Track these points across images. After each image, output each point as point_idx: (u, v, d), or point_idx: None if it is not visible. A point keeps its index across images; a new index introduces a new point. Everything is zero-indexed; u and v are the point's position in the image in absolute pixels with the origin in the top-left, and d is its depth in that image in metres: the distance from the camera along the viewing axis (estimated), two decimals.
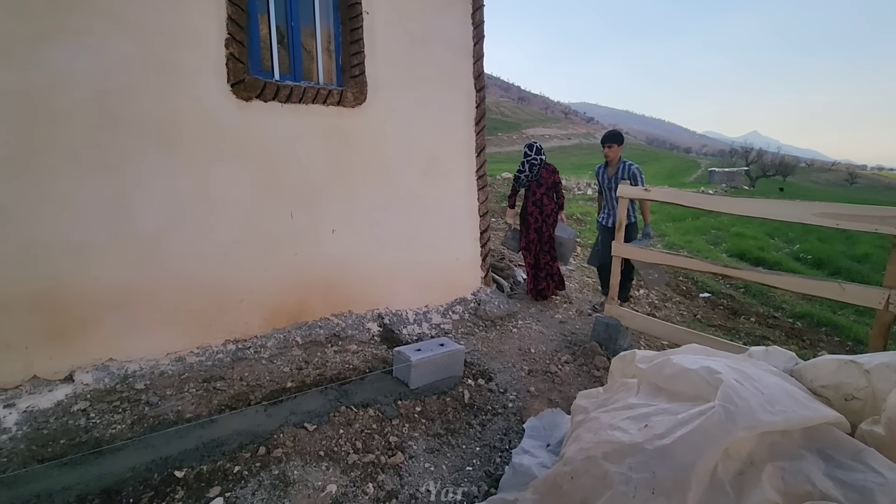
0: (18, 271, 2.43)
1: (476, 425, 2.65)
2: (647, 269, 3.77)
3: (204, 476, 2.04)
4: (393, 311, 3.78)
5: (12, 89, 2.36)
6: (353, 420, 2.48)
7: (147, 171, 2.74)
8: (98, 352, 2.65)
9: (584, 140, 72.69)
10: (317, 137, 3.38)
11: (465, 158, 4.24)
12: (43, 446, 2.12)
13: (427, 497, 2.10)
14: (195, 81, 2.88)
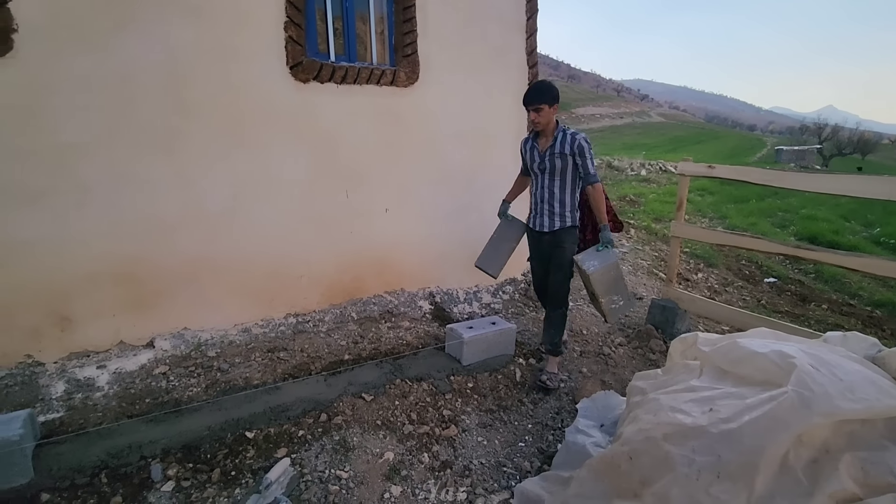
0: (105, 247, 2.65)
1: (528, 403, 2.66)
2: (610, 294, 2.74)
3: (272, 438, 2.18)
4: (444, 290, 3.82)
5: (94, 76, 2.54)
6: (407, 393, 2.55)
7: (214, 153, 2.89)
8: (174, 321, 2.87)
9: (638, 119, 69.47)
10: (370, 117, 3.43)
11: (516, 137, 4.16)
12: (131, 404, 2.33)
13: (481, 469, 2.15)
14: (256, 65, 2.98)
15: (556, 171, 2.72)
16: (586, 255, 2.71)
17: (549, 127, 2.72)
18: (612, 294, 2.74)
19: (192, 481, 1.93)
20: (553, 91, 2.67)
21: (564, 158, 2.67)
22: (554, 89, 2.68)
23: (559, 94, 2.70)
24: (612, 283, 2.73)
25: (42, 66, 2.41)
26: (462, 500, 1.97)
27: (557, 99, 2.67)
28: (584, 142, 2.68)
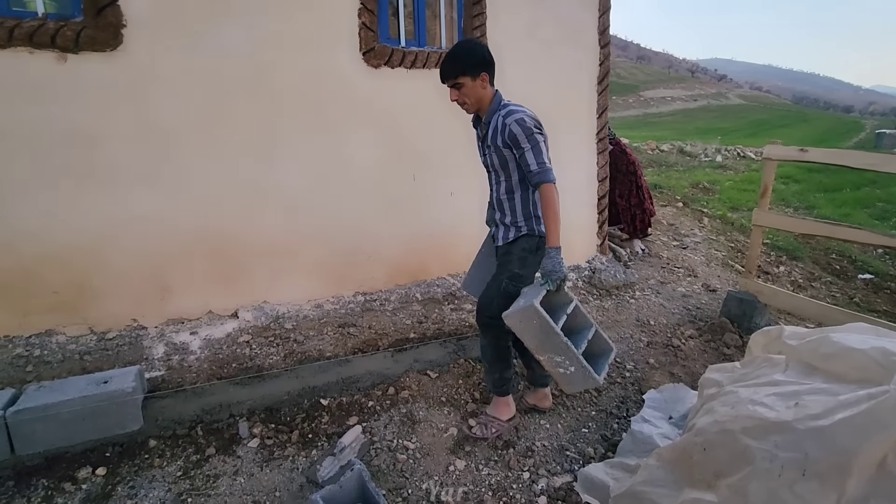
0: (198, 224, 2.89)
1: (592, 391, 2.63)
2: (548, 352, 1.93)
3: (344, 406, 2.32)
4: None
5: (191, 66, 2.75)
6: (471, 372, 2.61)
7: (294, 138, 3.05)
8: (256, 295, 3.09)
9: (714, 101, 64.68)
10: (437, 101, 3.45)
11: (584, 120, 4.05)
12: (220, 367, 2.55)
13: (543, 451, 2.17)
14: (331, 52, 3.09)
15: (498, 170, 2.06)
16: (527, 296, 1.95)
17: (483, 106, 1.99)
18: (549, 352, 1.92)
19: (275, 440, 2.10)
20: (474, 55, 1.89)
21: (500, 152, 1.97)
22: (476, 52, 1.90)
23: (489, 56, 1.93)
24: (543, 337, 1.88)
25: (147, 58, 2.64)
26: (525, 480, 2.00)
27: (486, 65, 1.91)
28: (518, 125, 1.87)
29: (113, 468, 1.90)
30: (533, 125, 1.91)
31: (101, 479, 1.85)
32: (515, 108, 1.95)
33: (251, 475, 1.92)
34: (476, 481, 1.97)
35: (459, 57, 1.91)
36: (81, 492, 1.79)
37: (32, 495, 1.76)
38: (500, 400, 2.23)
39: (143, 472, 1.90)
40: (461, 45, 1.99)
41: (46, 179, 2.55)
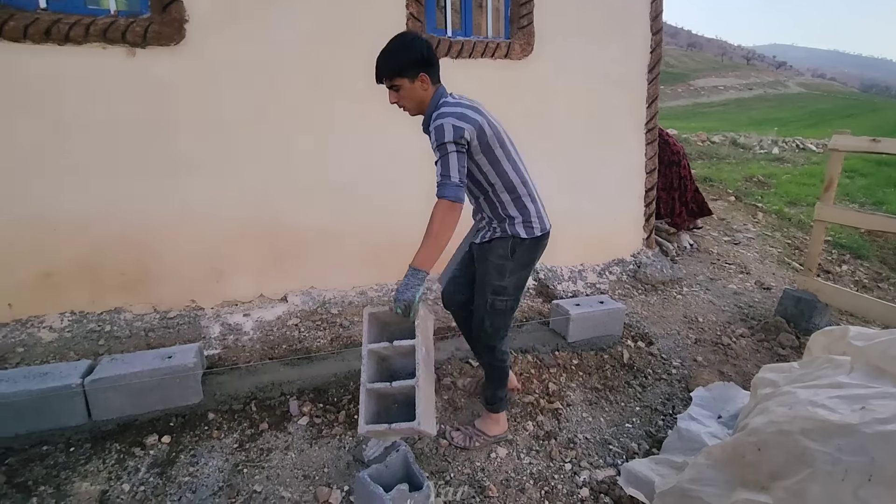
0: (250, 211, 3.02)
1: (636, 386, 2.59)
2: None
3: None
4: (548, 267, 3.80)
5: (247, 59, 2.86)
6: (513, 363, 2.61)
7: (343, 128, 3.12)
8: (304, 280, 3.20)
9: (771, 89, 60.95)
10: (482, 91, 3.41)
11: (633, 110, 3.93)
12: (271, 348, 2.67)
13: (585, 444, 2.16)
14: (379, 42, 3.12)
15: None
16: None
17: (423, 107, 1.79)
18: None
19: (323, 419, 2.19)
20: (412, 53, 1.69)
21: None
22: (414, 49, 1.70)
23: (429, 53, 1.72)
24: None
25: (207, 51, 2.77)
26: (567, 471, 2.00)
27: (425, 65, 1.71)
28: (435, 132, 1.66)
29: (176, 437, 2.03)
30: (451, 134, 1.64)
31: (166, 447, 1.98)
32: (447, 109, 1.69)
33: (301, 451, 2.01)
34: (517, 469, 1.99)
35: (395, 54, 1.69)
36: (149, 457, 1.93)
37: (107, 457, 1.91)
38: (490, 416, 2.10)
39: (203, 442, 2.03)
40: (397, 40, 1.72)
41: (116, 167, 2.73)
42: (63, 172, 2.66)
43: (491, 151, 1.77)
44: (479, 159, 1.77)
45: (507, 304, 1.90)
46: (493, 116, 1.87)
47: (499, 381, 2.05)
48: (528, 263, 1.93)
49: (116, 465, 1.88)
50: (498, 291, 1.87)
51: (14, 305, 2.70)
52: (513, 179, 1.83)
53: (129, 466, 1.89)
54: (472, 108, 1.74)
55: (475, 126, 1.70)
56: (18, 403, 1.90)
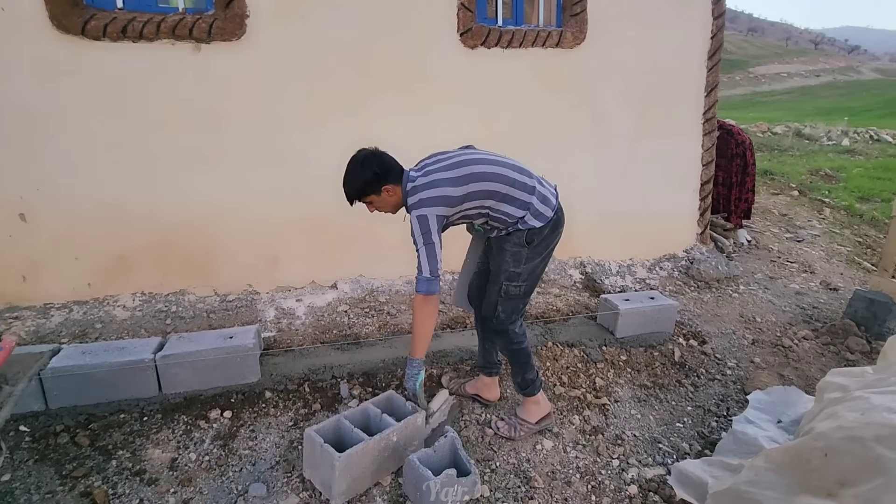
0: (301, 201, 3.12)
1: (687, 385, 2.51)
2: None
3: (434, 378, 2.42)
4: (595, 261, 3.72)
5: (302, 52, 2.95)
6: (559, 356, 2.59)
7: (390, 119, 3.17)
8: (353, 268, 3.29)
9: (842, 76, 56.40)
10: (532, 81, 3.40)
11: (690, 98, 3.77)
12: (322, 332, 2.77)
13: (634, 441, 2.12)
14: (430, 33, 3.15)
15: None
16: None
17: (400, 205, 1.90)
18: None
19: None
20: (364, 176, 1.81)
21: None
22: (366, 171, 1.81)
23: (381, 165, 1.83)
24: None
25: (266, 46, 2.87)
26: (614, 467, 1.97)
27: (383, 178, 1.82)
28: (417, 221, 1.76)
29: (237, 412, 2.16)
30: (419, 229, 1.75)
31: (227, 421, 2.11)
32: (420, 198, 1.76)
33: None
34: (563, 462, 1.98)
35: (351, 182, 1.83)
36: (213, 430, 2.06)
37: (175, 428, 2.06)
38: (527, 400, 2.10)
39: (260, 418, 2.14)
40: (349, 166, 1.85)
41: (181, 157, 2.90)
42: (135, 163, 2.85)
43: (466, 197, 1.79)
44: (463, 207, 1.80)
45: (520, 290, 1.93)
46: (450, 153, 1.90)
47: (524, 363, 2.04)
48: (545, 251, 1.95)
49: (184, 436, 2.02)
50: (512, 278, 1.91)
51: (93, 285, 2.93)
52: (505, 192, 1.82)
53: (195, 437, 2.02)
54: (427, 187, 1.77)
55: (439, 203, 1.75)
56: (100, 375, 2.07)
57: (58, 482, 1.78)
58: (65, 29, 2.58)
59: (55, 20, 2.56)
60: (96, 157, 2.79)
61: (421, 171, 1.86)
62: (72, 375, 2.04)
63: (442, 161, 1.86)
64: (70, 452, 1.91)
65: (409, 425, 1.85)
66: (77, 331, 2.67)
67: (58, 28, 2.57)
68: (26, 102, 2.64)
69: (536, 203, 1.86)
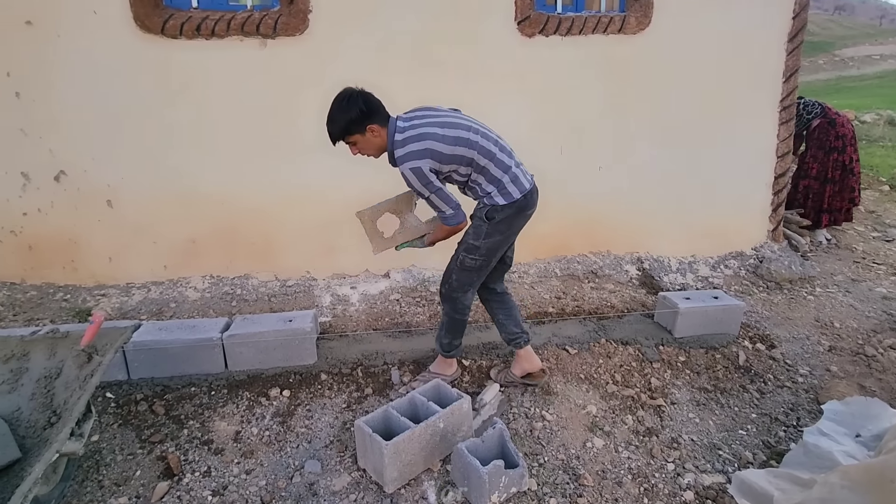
0: (359, 190, 3.18)
1: (753, 391, 2.37)
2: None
3: (483, 369, 2.43)
4: (654, 257, 3.57)
5: (360, 44, 3.00)
6: (612, 354, 2.52)
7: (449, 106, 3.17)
8: (405, 259, 3.33)
9: None
10: (592, 69, 3.29)
11: (766, 84, 3.50)
12: (375, 319, 2.85)
13: (691, 445, 2.03)
14: (487, 22, 3.11)
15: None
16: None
17: (384, 149, 1.93)
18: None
19: None
20: (350, 112, 1.82)
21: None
22: (351, 108, 1.82)
23: (367, 104, 1.85)
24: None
25: (327, 39, 2.95)
26: (669, 471, 1.90)
27: (368, 116, 1.83)
28: (414, 174, 1.80)
29: (294, 392, 2.27)
30: (420, 181, 1.81)
31: (286, 399, 2.22)
32: (409, 150, 1.81)
33: None
34: (615, 462, 1.93)
35: (336, 119, 1.84)
36: (273, 406, 2.18)
37: (239, 403, 2.19)
38: (443, 359, 2.28)
39: (316, 399, 2.24)
40: (335, 103, 1.86)
41: (248, 148, 3.05)
42: (206, 153, 3.03)
43: (453, 159, 1.86)
44: (449, 167, 1.89)
45: (476, 263, 2.00)
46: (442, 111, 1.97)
47: (455, 330, 2.20)
48: (507, 230, 2.00)
49: (247, 411, 2.16)
50: (470, 250, 1.99)
51: (168, 267, 3.16)
52: (483, 164, 1.90)
53: (257, 413, 2.15)
54: (417, 139, 1.82)
55: (428, 157, 1.81)
56: (174, 350, 2.24)
57: (138, 446, 1.96)
58: (147, 28, 2.77)
59: (138, 20, 2.76)
60: (172, 148, 2.99)
61: (409, 121, 1.88)
62: (150, 350, 2.23)
63: (432, 117, 1.89)
64: (148, 419, 2.08)
65: (454, 412, 1.86)
66: (154, 309, 2.90)
67: (141, 28, 2.77)
68: (114, 97, 2.88)
69: (507, 182, 1.91)
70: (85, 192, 3.00)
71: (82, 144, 2.93)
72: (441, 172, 1.88)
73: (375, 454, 1.74)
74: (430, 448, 1.83)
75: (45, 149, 2.92)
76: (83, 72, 2.83)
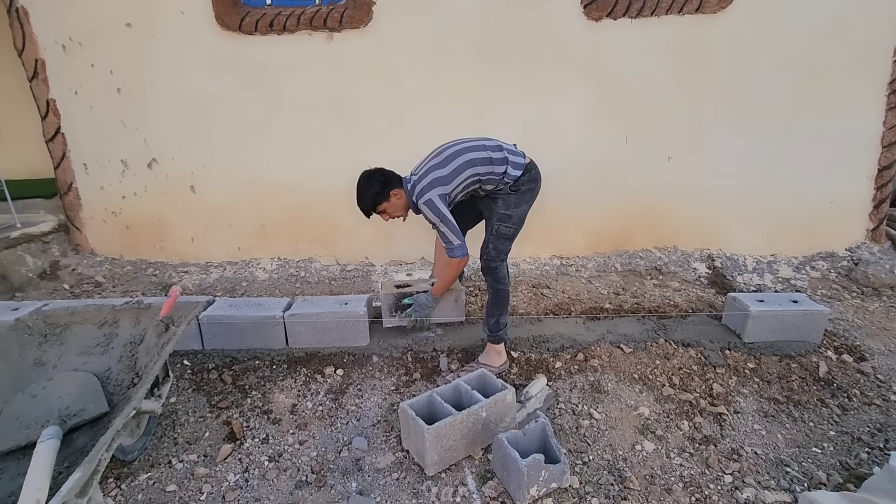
0: None
1: (833, 406, 2.14)
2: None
3: (532, 362, 2.40)
4: (727, 255, 3.31)
5: (420, 35, 3.03)
6: (671, 355, 2.39)
7: (507, 97, 3.13)
8: None
9: None
10: (665, 53, 3.08)
11: (871, 65, 3.10)
12: None
13: (754, 459, 1.88)
14: (552, 8, 3.01)
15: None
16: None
17: (408, 207, 2.24)
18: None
19: None
20: (371, 189, 2.14)
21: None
22: (373, 184, 2.14)
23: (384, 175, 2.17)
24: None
25: (390, 30, 3.02)
26: (726, 483, 1.78)
27: (389, 184, 2.16)
28: (427, 206, 2.07)
29: (347, 371, 2.37)
30: (434, 212, 2.06)
31: (339, 378, 2.34)
32: (421, 188, 2.09)
33: None
34: (665, 468, 1.84)
35: (363, 197, 2.16)
36: (327, 383, 2.30)
37: (297, 378, 2.34)
38: (492, 348, 2.32)
39: (367, 379, 2.33)
40: (358, 186, 2.17)
41: (315, 137, 3.20)
42: (275, 142, 3.22)
43: (458, 171, 2.09)
44: (458, 181, 2.10)
45: (510, 231, 2.22)
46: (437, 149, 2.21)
47: (501, 303, 2.28)
48: (530, 199, 2.25)
49: (303, 386, 2.29)
50: (503, 219, 2.20)
51: (241, 248, 3.42)
52: (484, 156, 2.11)
53: (312, 388, 2.28)
54: (422, 177, 2.11)
55: (434, 186, 2.07)
56: (243, 325, 2.43)
57: (207, 410, 2.15)
58: (226, 26, 2.98)
59: (219, 19, 2.97)
60: (246, 137, 3.21)
61: (414, 175, 2.19)
62: (221, 324, 2.43)
63: (428, 160, 2.18)
64: (217, 387, 2.28)
65: (497, 402, 1.86)
66: (228, 286, 3.15)
67: (221, 26, 2.98)
68: (197, 91, 3.13)
69: (510, 157, 2.15)
70: (172, 178, 3.31)
71: (170, 134, 3.23)
72: (454, 190, 2.12)
73: (418, 437, 1.78)
74: (472, 436, 1.84)
75: (141, 139, 3.25)
76: (172, 68, 3.10)
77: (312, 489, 1.76)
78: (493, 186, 2.19)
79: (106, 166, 3.33)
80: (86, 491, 1.26)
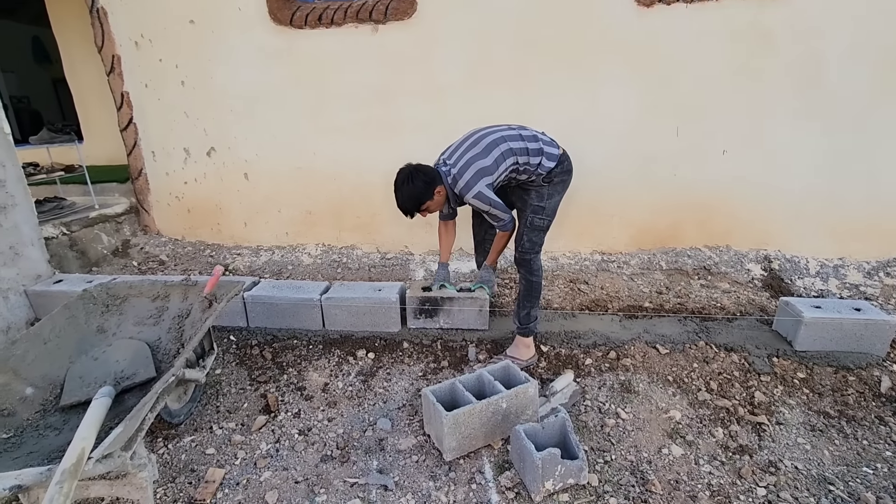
0: None
1: (893, 425, 1.96)
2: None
3: (562, 357, 2.37)
4: (786, 256, 3.08)
5: (462, 28, 3.02)
6: (710, 359, 2.27)
7: (551, 88, 3.06)
8: None
9: None
10: (723, 39, 2.89)
11: None
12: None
13: (794, 474, 1.76)
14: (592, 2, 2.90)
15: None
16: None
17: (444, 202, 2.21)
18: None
19: None
20: (416, 188, 2.08)
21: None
22: (416, 184, 2.08)
23: (427, 174, 2.10)
24: None
25: (433, 22, 3.03)
26: (759, 497, 1.68)
27: (433, 183, 2.10)
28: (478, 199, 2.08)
29: (378, 355, 2.45)
30: (486, 198, 2.06)
31: (370, 361, 2.42)
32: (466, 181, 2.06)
33: None
34: (692, 475, 1.77)
35: (409, 197, 2.11)
36: (358, 366, 2.39)
37: (331, 358, 2.44)
38: (520, 341, 2.31)
39: (396, 364, 2.40)
40: (400, 187, 2.11)
41: (359, 128, 3.29)
42: (321, 132, 3.34)
43: (499, 160, 2.08)
44: (500, 170, 2.10)
45: (543, 223, 2.21)
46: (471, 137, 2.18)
47: (533, 296, 2.27)
48: (562, 190, 2.24)
49: (336, 367, 2.39)
50: (537, 210, 2.19)
51: (289, 234, 3.59)
52: (522, 145, 2.10)
53: (344, 369, 2.37)
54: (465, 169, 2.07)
55: (480, 177, 2.06)
56: (283, 306, 2.57)
57: (248, 382, 2.30)
58: (278, 21, 3.12)
59: (272, 14, 3.11)
60: (295, 128, 3.36)
61: (449, 164, 2.15)
62: (264, 303, 2.58)
63: (460, 147, 2.15)
64: (258, 362, 2.43)
65: (518, 394, 1.86)
66: (275, 269, 3.32)
67: (273, 20, 3.12)
68: (251, 82, 3.31)
69: (545, 147, 2.14)
70: (228, 166, 3.53)
71: (227, 124, 3.44)
72: (497, 179, 2.11)
73: (437, 422, 1.82)
74: (492, 426, 1.86)
75: (201, 129, 3.49)
76: (229, 61, 3.29)
77: (336, 463, 1.85)
78: (527, 177, 2.18)
79: (171, 154, 3.60)
80: (130, 445, 1.40)
